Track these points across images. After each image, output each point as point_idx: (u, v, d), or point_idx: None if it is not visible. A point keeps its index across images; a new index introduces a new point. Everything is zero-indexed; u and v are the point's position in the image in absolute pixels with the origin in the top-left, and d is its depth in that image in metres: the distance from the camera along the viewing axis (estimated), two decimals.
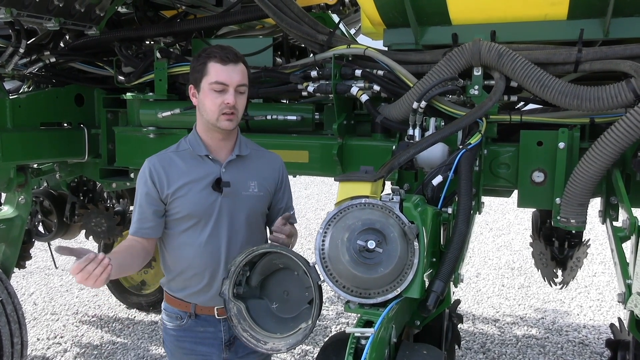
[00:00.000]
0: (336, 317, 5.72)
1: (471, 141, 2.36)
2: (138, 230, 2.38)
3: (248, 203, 2.40)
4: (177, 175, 2.34)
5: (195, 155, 2.37)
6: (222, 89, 2.25)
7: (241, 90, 2.30)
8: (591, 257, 7.45)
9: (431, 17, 2.75)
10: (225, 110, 2.26)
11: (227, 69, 2.25)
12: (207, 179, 2.35)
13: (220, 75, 2.24)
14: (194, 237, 2.37)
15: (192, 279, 2.41)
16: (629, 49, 2.43)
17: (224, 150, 2.41)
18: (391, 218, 1.88)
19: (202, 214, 2.35)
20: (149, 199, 2.35)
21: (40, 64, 3.83)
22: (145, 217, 2.36)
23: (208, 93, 2.27)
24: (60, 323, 5.60)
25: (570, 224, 2.43)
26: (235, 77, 2.26)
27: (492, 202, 10.36)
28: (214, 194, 2.34)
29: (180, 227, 2.38)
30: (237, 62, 2.28)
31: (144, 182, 2.36)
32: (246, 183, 2.41)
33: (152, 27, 3.70)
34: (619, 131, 2.23)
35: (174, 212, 2.36)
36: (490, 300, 6.28)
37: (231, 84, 2.25)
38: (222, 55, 2.25)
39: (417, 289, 1.87)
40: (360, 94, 2.85)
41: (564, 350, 4.99)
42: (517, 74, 2.45)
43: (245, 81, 2.31)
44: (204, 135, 2.39)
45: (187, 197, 2.33)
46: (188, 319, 2.46)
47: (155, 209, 2.36)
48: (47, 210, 4.98)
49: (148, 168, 2.37)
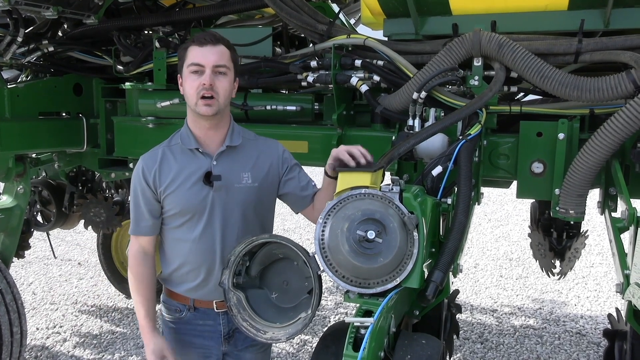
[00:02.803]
0: (335, 307, 5.75)
1: (471, 132, 2.36)
2: (137, 230, 2.38)
3: (241, 195, 2.34)
4: (168, 171, 2.31)
5: (186, 149, 2.33)
6: (197, 69, 2.20)
7: (220, 70, 2.22)
8: (589, 248, 7.48)
9: (431, 7, 2.74)
10: (203, 92, 2.19)
11: (204, 49, 2.20)
12: (198, 173, 2.31)
13: (197, 57, 2.20)
14: (188, 233, 2.34)
15: (189, 275, 2.40)
16: (629, 39, 2.42)
17: (214, 142, 2.35)
18: (391, 208, 1.88)
19: (194, 209, 2.31)
20: (144, 197, 2.33)
21: (39, 53, 3.82)
22: (143, 216, 2.35)
23: (187, 77, 2.23)
24: (59, 313, 5.61)
25: (569, 214, 2.44)
26: (211, 57, 2.20)
27: (491, 193, 10.38)
28: (205, 188, 2.30)
29: (174, 223, 2.36)
30: (215, 43, 2.22)
31: (138, 181, 2.34)
32: (238, 175, 2.35)
33: (151, 16, 3.67)
34: (618, 122, 2.23)
35: (167, 208, 2.34)
36: (488, 291, 6.31)
37: (207, 64, 2.19)
38: (199, 38, 2.23)
39: (416, 279, 1.88)
40: (360, 84, 2.84)
41: (561, 341, 5.02)
42: (518, 64, 2.45)
43: (224, 62, 2.23)
44: (193, 127, 2.34)
45: (178, 193, 2.30)
46: (187, 311, 2.45)
47: (151, 207, 2.34)
48: (45, 200, 4.98)
49: (141, 167, 2.34)
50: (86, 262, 7.22)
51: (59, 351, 4.82)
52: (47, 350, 4.82)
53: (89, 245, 7.79)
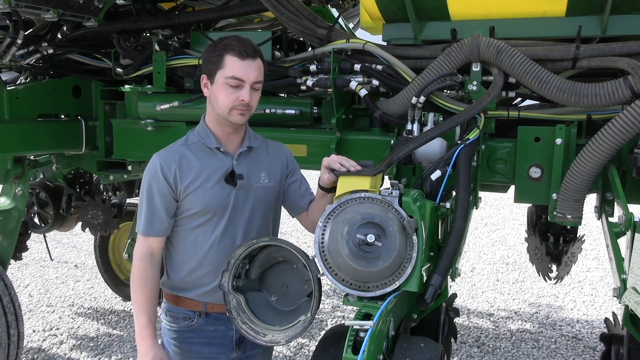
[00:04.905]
0: (332, 310, 5.75)
1: (469, 136, 2.38)
2: (151, 230, 2.27)
3: (260, 194, 2.37)
4: (188, 170, 2.26)
5: (205, 147, 2.30)
6: (237, 84, 2.17)
7: (257, 87, 2.23)
8: (585, 253, 7.50)
9: (430, 12, 2.75)
10: (240, 106, 2.20)
11: (245, 64, 2.17)
12: (219, 172, 2.29)
13: (237, 70, 2.16)
14: (208, 232, 2.30)
15: (205, 277, 2.32)
16: (626, 46, 2.45)
17: (233, 143, 2.35)
18: (390, 212, 1.90)
19: (216, 208, 2.28)
20: (161, 196, 2.25)
21: (38, 55, 3.81)
22: (158, 215, 2.26)
23: (222, 87, 2.19)
24: (56, 315, 5.60)
25: (567, 219, 2.45)
26: (252, 73, 2.18)
27: (488, 198, 10.41)
28: (227, 187, 2.29)
29: (193, 223, 2.30)
30: (255, 57, 2.20)
31: (154, 178, 2.24)
32: (257, 174, 2.37)
33: (151, 19, 3.68)
34: (615, 128, 2.25)
35: (187, 207, 2.27)
36: (485, 295, 6.32)
37: (247, 80, 2.18)
38: (240, 49, 2.16)
39: (415, 283, 1.89)
40: (359, 88, 2.85)
41: (557, 345, 5.04)
42: (516, 70, 2.46)
43: (261, 77, 2.24)
44: (214, 128, 2.31)
45: (201, 191, 2.25)
46: (198, 318, 2.35)
47: (167, 206, 2.26)
48: (43, 202, 4.98)
49: (159, 163, 2.25)
50: (83, 265, 7.21)
51: (55, 354, 4.81)
52: (44, 353, 4.81)
53: (85, 247, 7.78)
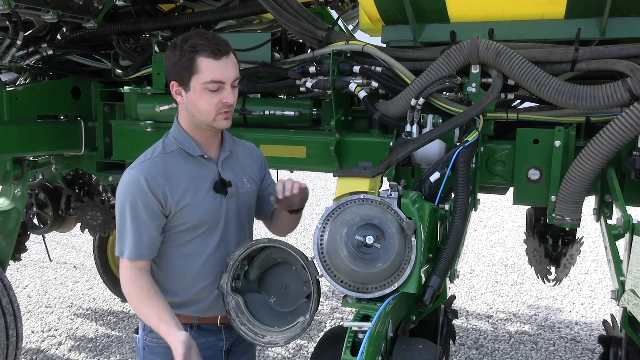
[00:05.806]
0: (331, 312, 5.75)
1: (468, 138, 2.38)
2: (140, 253, 2.05)
3: (246, 199, 2.27)
4: (176, 182, 2.07)
5: (187, 155, 2.12)
6: (217, 87, 2.00)
7: (235, 84, 2.07)
8: (584, 255, 7.51)
9: (429, 15, 2.76)
10: (225, 109, 2.05)
11: (221, 64, 1.99)
12: (206, 181, 2.14)
13: (216, 73, 1.98)
14: (202, 245, 2.15)
15: (201, 292, 2.18)
16: (625, 48, 2.45)
17: (214, 147, 2.19)
18: (389, 214, 1.90)
19: (211, 220, 2.14)
20: (149, 212, 2.03)
21: (38, 56, 3.82)
22: (148, 235, 2.06)
23: (201, 93, 2.00)
24: (54, 316, 5.60)
25: (565, 221, 2.46)
26: (230, 71, 2.02)
27: (486, 200, 10.40)
28: (217, 196, 2.14)
29: (185, 238, 2.13)
30: (228, 52, 2.01)
31: (140, 194, 2.01)
32: (241, 179, 2.25)
33: (150, 20, 3.69)
34: (614, 130, 2.25)
35: (179, 222, 2.10)
36: (483, 297, 6.32)
37: (227, 80, 2.01)
38: (212, 48, 1.97)
39: (414, 284, 1.89)
40: (358, 90, 2.86)
41: (556, 347, 5.04)
42: (515, 72, 2.47)
43: (238, 73, 2.07)
44: (193, 133, 2.13)
45: (195, 204, 2.09)
46: (190, 331, 2.16)
47: (158, 223, 2.07)
48: (42, 203, 4.98)
49: (142, 177, 2.02)
50: (82, 265, 7.20)
51: (54, 354, 4.80)
52: (43, 354, 4.81)
53: (84, 248, 7.77)
